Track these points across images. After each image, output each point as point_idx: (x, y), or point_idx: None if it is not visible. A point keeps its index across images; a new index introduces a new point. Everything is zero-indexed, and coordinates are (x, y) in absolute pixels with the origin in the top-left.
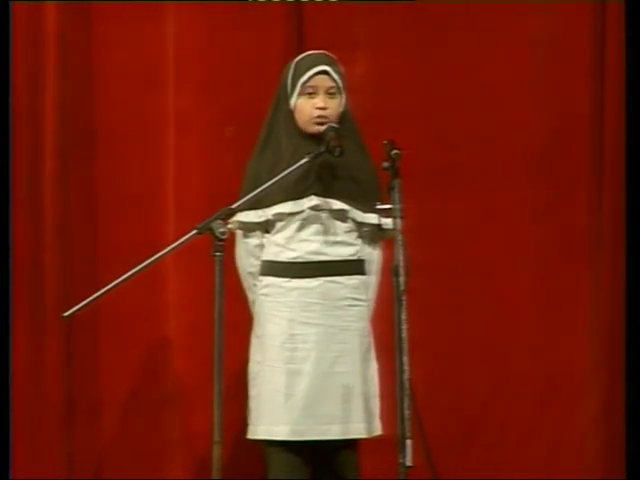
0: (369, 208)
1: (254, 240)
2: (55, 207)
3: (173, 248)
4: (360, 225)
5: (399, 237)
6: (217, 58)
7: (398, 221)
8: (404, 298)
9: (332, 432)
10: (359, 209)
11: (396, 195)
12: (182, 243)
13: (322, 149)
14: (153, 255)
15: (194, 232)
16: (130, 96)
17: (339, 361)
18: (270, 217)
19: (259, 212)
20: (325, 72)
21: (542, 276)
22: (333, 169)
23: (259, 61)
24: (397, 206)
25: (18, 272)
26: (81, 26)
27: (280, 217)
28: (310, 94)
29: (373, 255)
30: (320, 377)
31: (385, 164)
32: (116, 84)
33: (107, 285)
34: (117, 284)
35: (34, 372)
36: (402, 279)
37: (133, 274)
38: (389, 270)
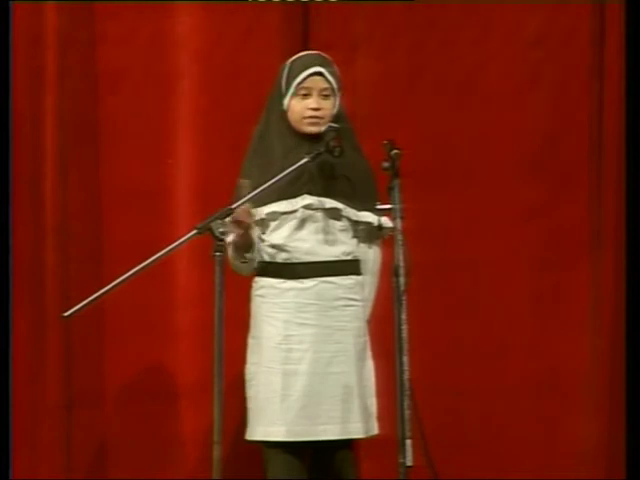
0: (364, 207)
1: None
2: (55, 207)
3: (172, 248)
4: (355, 224)
5: (399, 237)
6: (218, 57)
7: (398, 221)
8: (404, 298)
9: (329, 432)
10: (353, 208)
11: (396, 195)
12: (181, 243)
13: (322, 149)
14: (153, 255)
15: (194, 232)
16: (130, 96)
17: (335, 361)
18: (264, 216)
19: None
20: (319, 73)
21: (542, 276)
22: (327, 168)
23: (260, 60)
24: (397, 206)
25: (18, 272)
26: (81, 26)
27: (274, 216)
28: (304, 95)
29: (368, 254)
30: (316, 377)
31: (385, 164)
32: (116, 84)
33: (107, 285)
34: (116, 285)
35: (34, 372)
36: (402, 279)
37: (132, 274)
38: (389, 270)
